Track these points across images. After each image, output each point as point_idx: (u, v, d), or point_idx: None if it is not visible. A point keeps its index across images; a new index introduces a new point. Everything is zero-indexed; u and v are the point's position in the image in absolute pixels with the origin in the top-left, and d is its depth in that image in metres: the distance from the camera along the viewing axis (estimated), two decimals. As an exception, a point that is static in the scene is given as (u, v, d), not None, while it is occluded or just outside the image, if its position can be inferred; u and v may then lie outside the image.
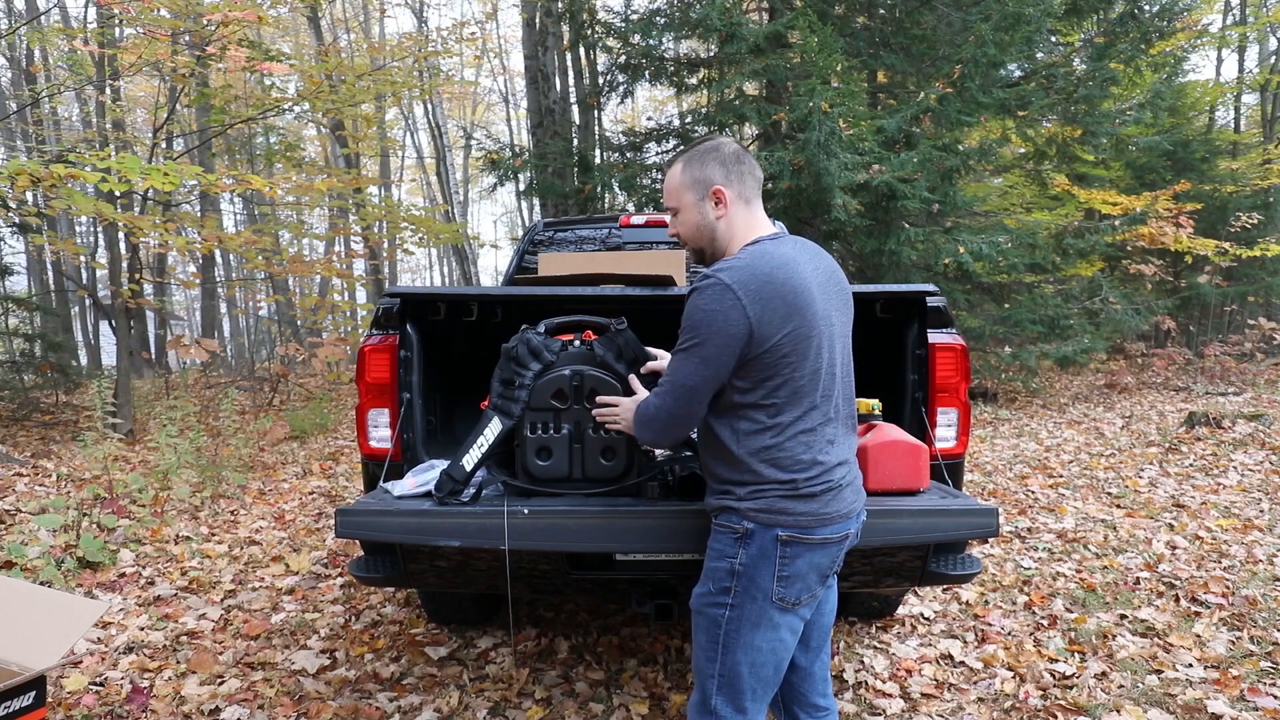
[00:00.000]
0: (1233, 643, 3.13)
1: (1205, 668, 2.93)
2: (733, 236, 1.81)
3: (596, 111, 12.50)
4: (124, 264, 9.15)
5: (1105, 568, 4.02)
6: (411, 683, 2.97)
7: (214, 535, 4.86)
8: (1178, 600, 3.57)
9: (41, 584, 3.68)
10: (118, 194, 6.97)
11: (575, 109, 12.98)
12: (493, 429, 2.15)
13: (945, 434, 2.59)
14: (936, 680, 2.90)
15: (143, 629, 3.47)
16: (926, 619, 3.43)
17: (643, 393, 2.00)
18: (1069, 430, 8.05)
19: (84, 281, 16.52)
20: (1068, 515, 4.93)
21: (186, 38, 9.64)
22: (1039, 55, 9.81)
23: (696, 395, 1.70)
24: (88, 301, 16.28)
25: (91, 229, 20.09)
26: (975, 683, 2.89)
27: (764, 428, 1.67)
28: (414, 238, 12.94)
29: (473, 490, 2.17)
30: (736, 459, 1.70)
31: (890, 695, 2.80)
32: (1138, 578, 3.84)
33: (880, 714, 2.69)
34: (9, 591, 2.14)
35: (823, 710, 1.93)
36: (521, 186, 11.85)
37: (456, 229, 13.86)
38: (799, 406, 1.67)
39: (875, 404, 2.43)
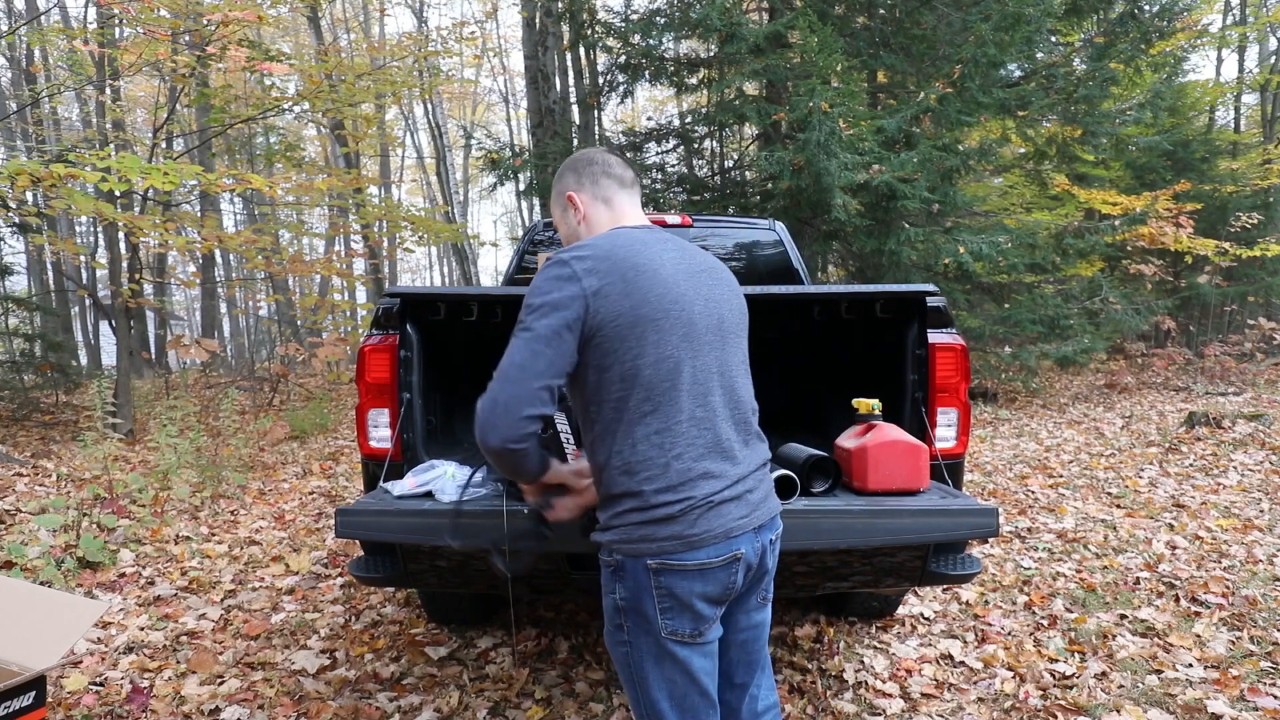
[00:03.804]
0: (1233, 643, 3.13)
1: (1205, 668, 2.93)
2: (594, 235, 1.70)
3: (596, 111, 12.51)
4: (124, 264, 9.15)
5: (1105, 568, 4.02)
6: (411, 683, 2.97)
7: (214, 535, 4.86)
8: (1178, 600, 3.57)
9: (41, 584, 3.68)
10: (118, 194, 6.97)
11: (575, 109, 12.99)
12: None
13: (945, 434, 2.59)
14: (936, 680, 2.90)
15: (143, 629, 3.47)
16: (926, 619, 3.43)
17: None
18: (1069, 430, 8.05)
19: (84, 281, 16.53)
20: (1068, 515, 4.93)
21: (186, 38, 9.64)
22: (1039, 55, 9.81)
23: (526, 374, 1.47)
24: (88, 301, 16.28)
25: (91, 229, 20.10)
26: (975, 683, 2.89)
27: (611, 427, 1.53)
28: (414, 237, 12.96)
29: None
30: (598, 467, 1.57)
31: (890, 695, 2.80)
32: (1138, 578, 3.84)
33: (880, 714, 2.69)
34: (9, 591, 2.14)
35: None
36: (521, 186, 11.84)
37: (456, 229, 13.88)
38: (649, 401, 1.50)
39: (875, 404, 2.42)
